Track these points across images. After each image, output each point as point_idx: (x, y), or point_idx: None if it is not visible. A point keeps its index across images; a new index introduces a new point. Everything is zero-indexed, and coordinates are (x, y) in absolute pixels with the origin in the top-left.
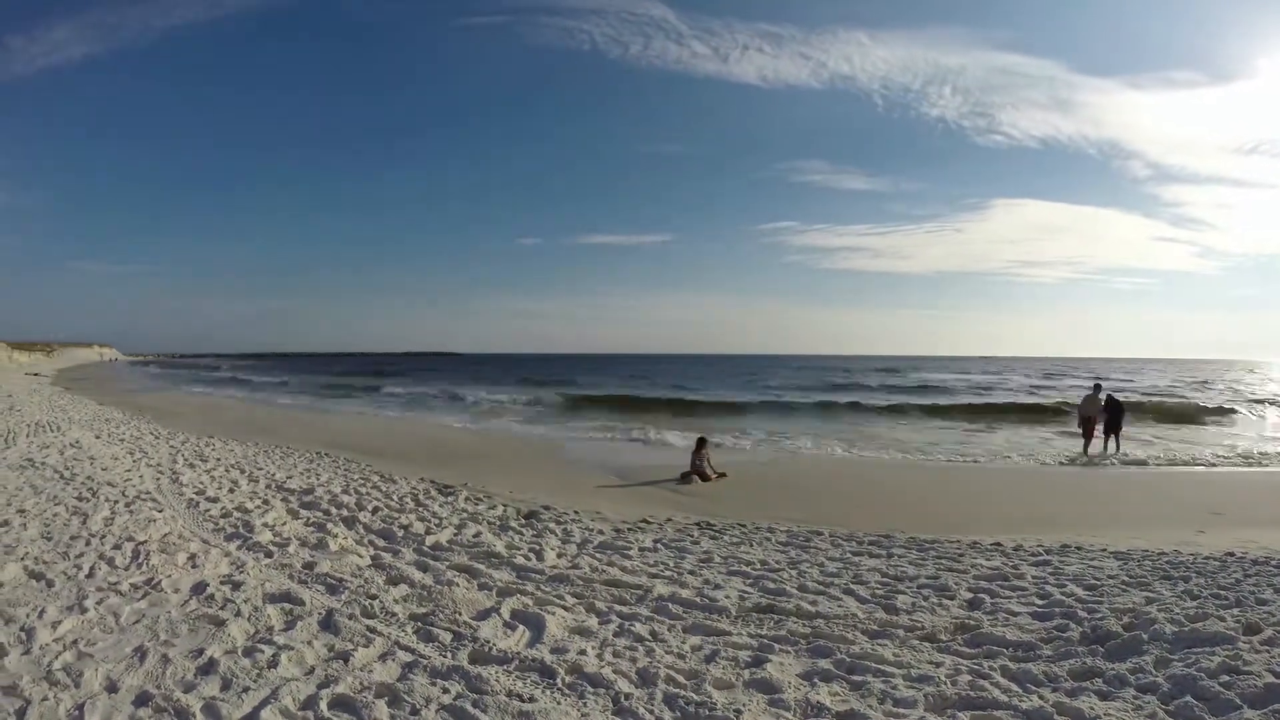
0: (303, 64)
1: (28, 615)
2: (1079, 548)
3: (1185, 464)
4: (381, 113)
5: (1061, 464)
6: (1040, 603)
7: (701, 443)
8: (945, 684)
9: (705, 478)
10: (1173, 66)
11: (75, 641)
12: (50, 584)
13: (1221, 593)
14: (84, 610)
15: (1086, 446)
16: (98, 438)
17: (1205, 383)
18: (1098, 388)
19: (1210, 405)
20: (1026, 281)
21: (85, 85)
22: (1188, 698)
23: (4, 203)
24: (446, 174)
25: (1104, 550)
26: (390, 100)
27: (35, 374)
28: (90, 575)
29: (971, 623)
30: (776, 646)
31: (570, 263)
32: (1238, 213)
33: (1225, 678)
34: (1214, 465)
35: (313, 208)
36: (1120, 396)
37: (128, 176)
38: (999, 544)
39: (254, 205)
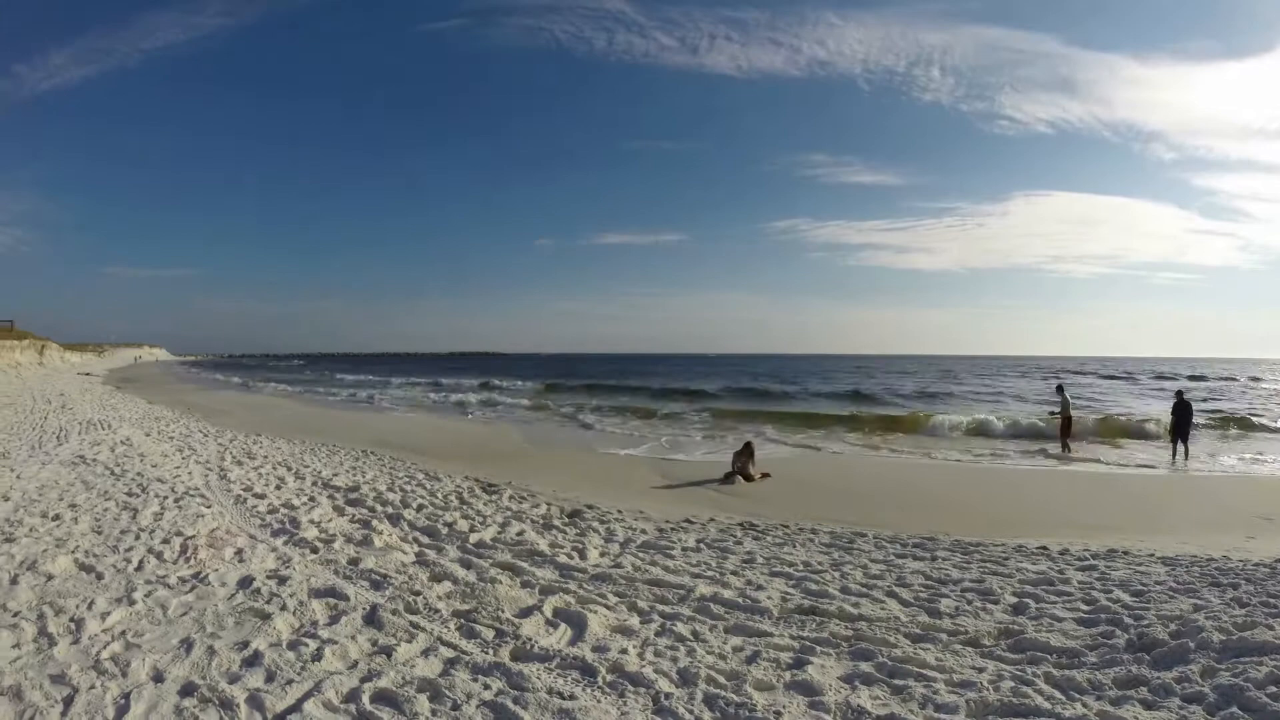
0: (278, 77)
1: (77, 606)
2: (1126, 552)
3: (1235, 467)
4: (370, 120)
5: (1105, 465)
6: (1086, 608)
7: (747, 446)
8: (988, 690)
9: (749, 478)
10: (1183, 37)
11: (123, 632)
12: (100, 576)
13: (1271, 601)
14: (133, 602)
15: (1065, 446)
16: (147, 435)
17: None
18: (1060, 389)
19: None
20: (1062, 277)
21: (89, 104)
22: (1234, 709)
23: (33, 212)
24: (451, 179)
25: (1151, 555)
26: (377, 108)
27: (86, 374)
28: (139, 568)
29: (1015, 628)
30: (818, 649)
31: (589, 263)
32: (1276, 202)
33: (1273, 689)
34: (1264, 469)
35: (340, 215)
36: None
37: (151, 186)
38: (1045, 548)
39: (282, 211)
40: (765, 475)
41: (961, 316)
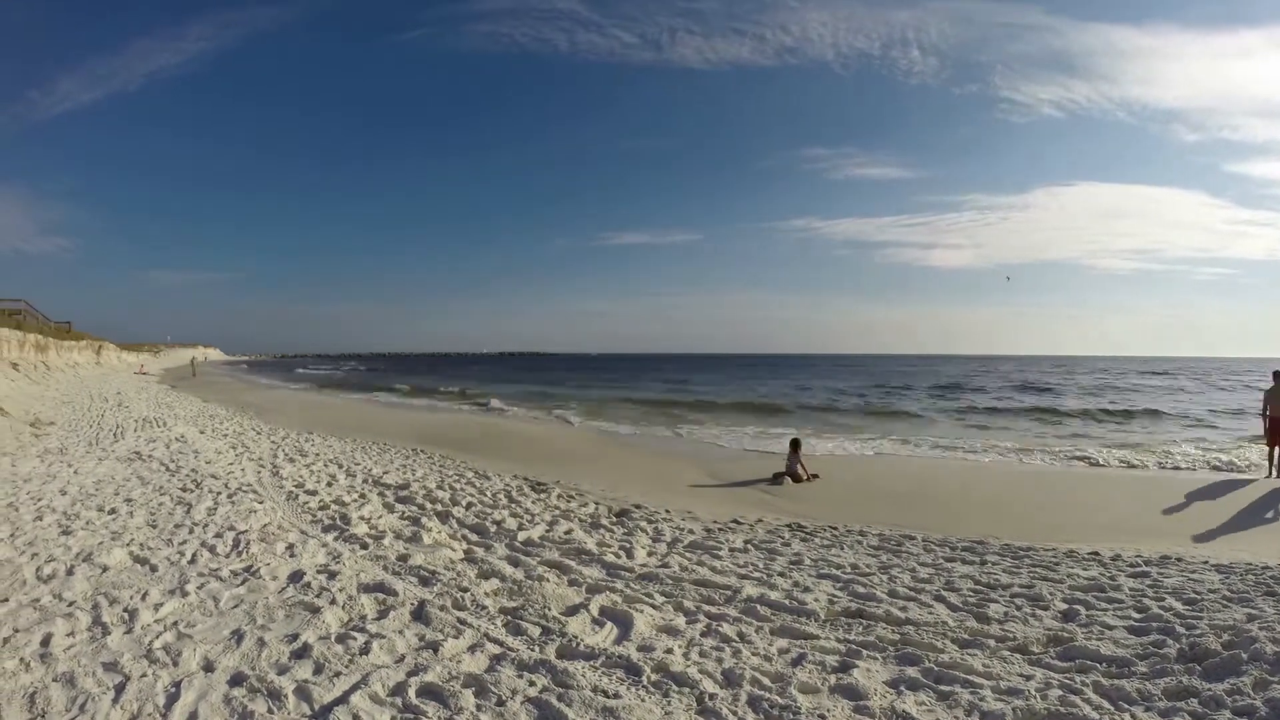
0: (275, 93)
1: (131, 597)
2: (1179, 559)
3: None
4: (364, 129)
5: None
6: (1137, 616)
7: (795, 444)
8: (1035, 698)
9: (797, 479)
10: (1182, 1)
11: (176, 623)
12: (154, 568)
13: None
14: (185, 594)
15: (1274, 461)
16: (202, 433)
17: None
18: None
19: None
20: (1101, 273)
21: (103, 123)
22: None
23: (72, 222)
24: (455, 185)
25: (1205, 562)
26: (369, 118)
27: (143, 373)
28: (192, 561)
29: (1065, 635)
30: (864, 652)
31: (609, 263)
32: None
33: None
34: None
35: (365, 221)
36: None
37: (182, 195)
38: (1096, 553)
39: (309, 218)
40: (814, 476)
41: (998, 315)
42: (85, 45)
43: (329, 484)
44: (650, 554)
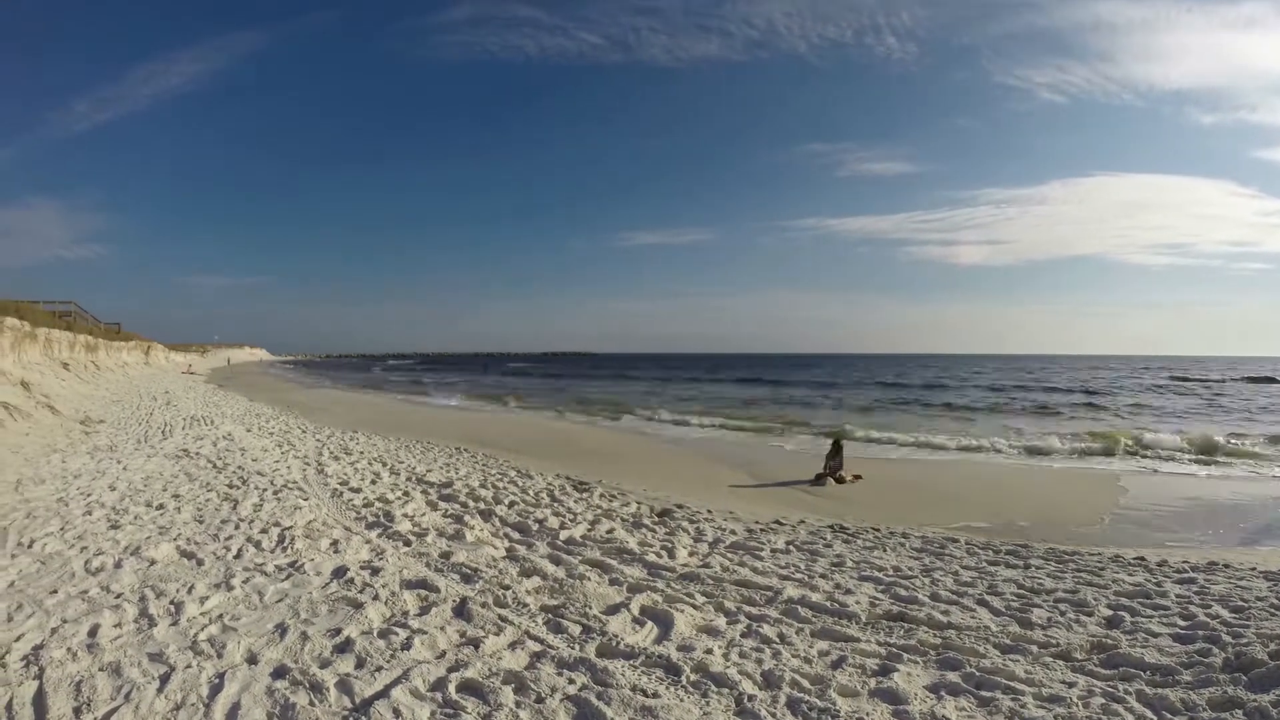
0: (276, 107)
1: (178, 590)
2: (1226, 565)
3: None
4: (361, 129)
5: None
6: (1183, 624)
7: (837, 445)
8: (1077, 706)
9: (840, 480)
10: None
11: (221, 616)
12: (200, 563)
13: None
14: (230, 588)
15: None
16: (248, 431)
17: None
18: None
19: None
20: (1132, 269)
21: (119, 141)
22: None
23: (105, 230)
24: (461, 187)
25: (1253, 569)
26: (368, 120)
27: (190, 372)
28: (238, 556)
29: (1109, 642)
30: (905, 656)
31: (626, 263)
32: None
33: None
34: None
35: (391, 223)
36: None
37: (207, 204)
38: (1142, 558)
39: (334, 222)
40: (857, 477)
41: (1029, 313)
42: (86, 72)
43: (373, 482)
44: (692, 554)
